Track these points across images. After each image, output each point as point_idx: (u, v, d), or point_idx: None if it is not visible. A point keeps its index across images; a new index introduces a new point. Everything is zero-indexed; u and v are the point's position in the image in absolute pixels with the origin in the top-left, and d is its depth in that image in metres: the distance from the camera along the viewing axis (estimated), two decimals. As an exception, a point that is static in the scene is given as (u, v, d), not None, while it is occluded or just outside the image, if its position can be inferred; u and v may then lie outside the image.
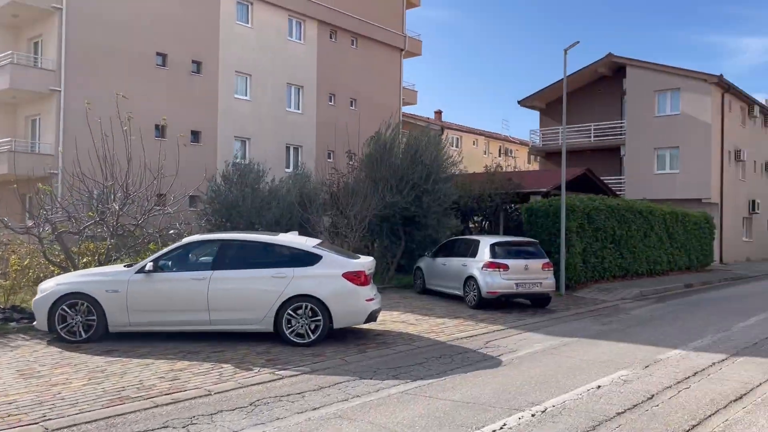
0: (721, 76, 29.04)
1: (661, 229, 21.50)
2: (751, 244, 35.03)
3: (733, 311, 13.93)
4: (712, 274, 23.52)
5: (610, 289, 17.09)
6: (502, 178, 20.12)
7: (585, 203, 17.36)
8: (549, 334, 10.86)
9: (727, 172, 31.32)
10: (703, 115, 29.58)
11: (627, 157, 31.87)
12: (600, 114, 33.92)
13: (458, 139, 40.91)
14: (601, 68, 33.06)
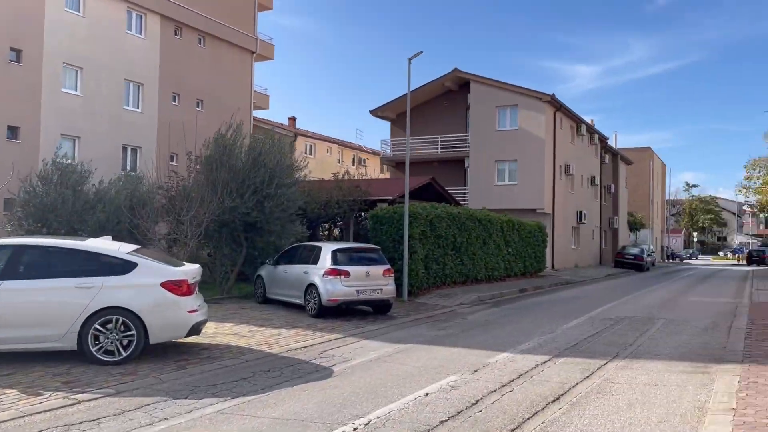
0: (553, 95, 31.38)
1: (499, 236, 22.57)
2: (579, 251, 38.16)
3: (560, 314, 14.78)
4: (545, 279, 25.14)
5: (450, 295, 17.52)
6: (350, 185, 20.03)
7: (428, 211, 17.68)
8: (387, 341, 10.71)
9: (559, 184, 33.85)
10: (538, 131, 31.75)
11: (471, 168, 33.36)
12: (447, 126, 35.25)
13: (312, 146, 40.59)
14: (447, 82, 34.40)
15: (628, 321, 13.57)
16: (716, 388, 7.24)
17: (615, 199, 48.13)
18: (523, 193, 31.89)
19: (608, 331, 12.12)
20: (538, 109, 31.80)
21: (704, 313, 15.08)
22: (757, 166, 33.90)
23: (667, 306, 16.90)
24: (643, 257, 39.46)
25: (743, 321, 13.00)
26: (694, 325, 13.05)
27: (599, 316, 14.48)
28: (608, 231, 46.83)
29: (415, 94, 35.10)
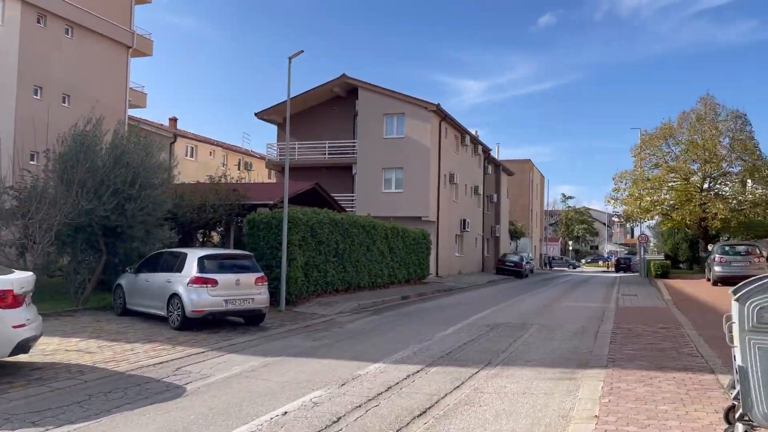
0: (439, 105, 31.86)
1: (383, 244, 22.37)
2: (462, 258, 39.00)
3: (439, 321, 14.66)
4: (428, 286, 25.25)
5: (330, 303, 16.98)
6: (226, 188, 19.00)
7: (309, 216, 17.08)
8: (255, 354, 9.98)
9: (443, 193, 34.39)
10: (424, 140, 32.09)
11: (358, 175, 33.12)
12: (335, 132, 34.85)
13: (194, 148, 38.76)
14: (336, 88, 34.03)
15: (504, 327, 13.66)
16: (581, 394, 7.18)
17: (497, 209, 49.85)
18: (409, 200, 32.07)
19: (484, 337, 12.08)
20: (424, 118, 32.15)
21: (575, 318, 15.54)
22: (623, 179, 36.23)
23: (542, 312, 17.33)
24: (523, 264, 40.99)
25: (609, 325, 13.44)
26: (565, 330, 13.33)
27: (477, 322, 14.50)
28: (490, 239, 48.37)
29: (303, 99, 34.51)
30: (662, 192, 35.22)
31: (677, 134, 34.87)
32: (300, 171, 34.24)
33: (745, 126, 33.40)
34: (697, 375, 8.08)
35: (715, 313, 15.63)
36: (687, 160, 34.42)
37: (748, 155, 32.86)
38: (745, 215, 33.03)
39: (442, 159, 33.74)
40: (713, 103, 34.17)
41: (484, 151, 44.39)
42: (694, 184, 34.89)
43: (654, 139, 35.30)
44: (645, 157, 35.78)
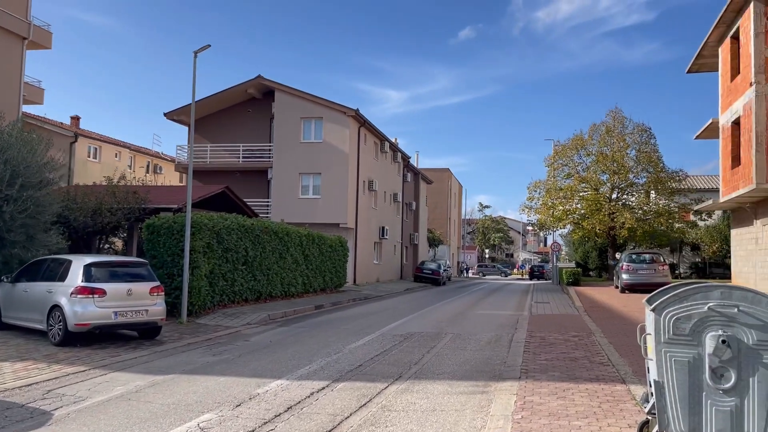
0: (358, 110, 31.40)
1: (298, 251, 21.57)
2: (381, 266, 38.65)
3: (351, 331, 14.05)
4: (344, 295, 24.62)
5: (237, 314, 16.02)
6: (125, 191, 17.66)
7: (215, 221, 16.07)
8: (144, 371, 9.02)
9: (362, 199, 33.92)
10: (342, 145, 31.51)
11: (274, 180, 32.12)
12: (251, 135, 33.71)
13: (97, 149, 36.40)
14: (251, 89, 32.92)
15: (418, 337, 13.22)
16: (493, 410, 6.75)
17: (416, 216, 49.95)
18: (327, 207, 31.38)
19: (396, 348, 11.58)
20: (343, 123, 31.60)
21: (489, 327, 15.35)
22: (537, 188, 37.06)
23: (456, 320, 17.08)
24: (440, 272, 41.12)
25: (523, 334, 13.28)
26: (478, 338, 13.05)
27: (391, 332, 14.00)
28: (409, 246, 48.37)
29: (217, 100, 33.17)
30: (574, 201, 36.27)
31: (588, 145, 36.08)
32: (212, 175, 32.87)
33: (650, 139, 35.00)
34: (609, 386, 7.87)
35: (623, 320, 15.89)
36: (597, 171, 35.65)
37: (653, 167, 34.38)
38: (649, 225, 34.48)
39: (360, 165, 33.28)
40: (621, 116, 35.63)
41: (403, 159, 44.34)
42: (604, 194, 36.14)
43: (566, 150, 36.37)
44: (558, 167, 36.78)
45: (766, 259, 22.08)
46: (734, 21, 21.87)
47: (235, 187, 32.13)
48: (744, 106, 20.90)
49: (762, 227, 22.58)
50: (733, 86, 22.40)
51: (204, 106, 33.31)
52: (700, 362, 4.78)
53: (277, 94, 32.24)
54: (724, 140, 23.81)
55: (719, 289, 4.87)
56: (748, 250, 24.21)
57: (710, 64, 26.38)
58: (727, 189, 23.34)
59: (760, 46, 19.65)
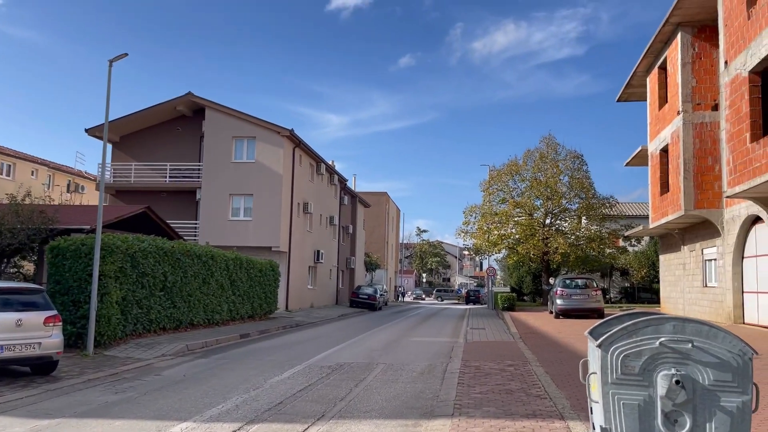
0: (292, 130, 30.57)
1: (223, 275, 20.39)
2: (316, 291, 37.57)
3: (276, 363, 13.07)
4: (274, 322, 23.48)
5: (153, 345, 14.74)
6: (30, 210, 16.16)
7: (129, 243, 14.81)
8: (26, 415, 7.83)
9: (296, 222, 32.92)
10: (276, 166, 30.54)
11: (203, 201, 30.75)
12: (180, 154, 32.30)
13: (11, 166, 34.04)
14: (180, 106, 31.59)
15: (347, 368, 12.39)
16: (422, 457, 6.01)
17: (353, 240, 49.20)
18: (259, 229, 30.23)
19: (322, 382, 10.70)
20: (277, 143, 30.68)
21: (423, 355, 14.69)
22: (473, 213, 37.05)
23: (390, 348, 16.33)
24: (377, 297, 40.40)
25: (457, 363, 12.66)
26: (411, 369, 12.34)
27: (319, 363, 13.11)
28: (346, 271, 47.48)
29: (144, 116, 31.69)
30: (509, 226, 36.44)
31: (522, 171, 36.43)
32: (137, 195, 31.21)
33: (582, 166, 35.68)
34: (547, 422, 7.28)
35: (559, 347, 15.54)
36: (531, 196, 35.99)
37: (585, 193, 34.99)
38: (582, 250, 34.94)
39: (295, 187, 32.35)
40: (554, 143, 36.23)
41: (340, 181, 43.66)
42: (538, 219, 36.48)
43: (501, 175, 36.60)
44: (493, 192, 36.94)
45: (693, 285, 22.45)
46: (662, 51, 22.46)
47: (161, 208, 30.64)
48: (672, 134, 21.35)
49: (689, 253, 23.01)
50: (661, 115, 22.93)
51: (130, 122, 31.76)
52: (652, 406, 4.21)
53: (208, 112, 31.05)
54: (652, 167, 24.30)
55: (671, 322, 4.33)
56: (676, 276, 24.63)
57: (639, 94, 27.08)
58: (656, 215, 23.76)
59: (687, 75, 20.15)
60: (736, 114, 15.04)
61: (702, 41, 19.93)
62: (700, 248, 21.74)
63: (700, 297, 21.67)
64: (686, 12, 19.38)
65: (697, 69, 19.97)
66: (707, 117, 19.95)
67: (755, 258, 17.59)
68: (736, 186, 15.02)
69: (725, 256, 19.11)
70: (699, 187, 19.76)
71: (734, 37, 15.40)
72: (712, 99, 19.84)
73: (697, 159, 19.82)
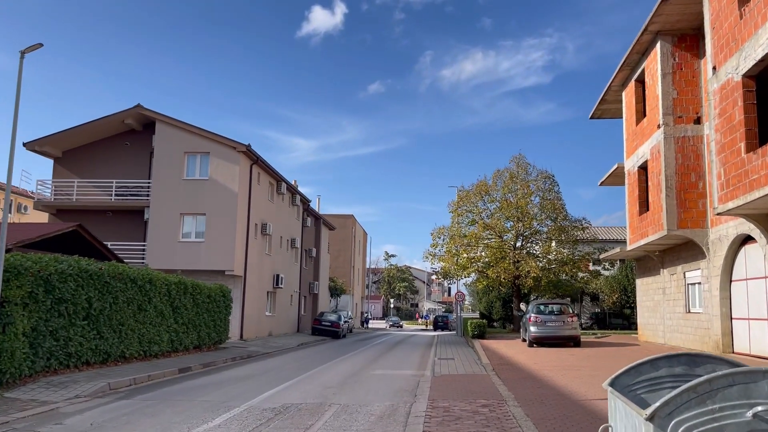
0: (249, 146, 28.70)
1: (164, 302, 18.25)
2: (275, 318, 35.34)
3: (211, 405, 11.06)
4: (223, 353, 21.32)
5: (68, 383, 12.56)
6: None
7: (43, 264, 12.70)
8: None
9: (253, 244, 30.87)
10: (231, 184, 28.56)
11: (151, 221, 28.52)
12: (129, 171, 30.11)
13: (-58, 183, 31.35)
14: (129, 119, 29.49)
15: (294, 411, 10.46)
16: None
17: (316, 264, 47.16)
18: (211, 251, 28.09)
19: (260, 431, 8.78)
20: (233, 159, 28.74)
21: (384, 392, 12.83)
22: (441, 235, 35.40)
23: (348, 384, 14.42)
24: (340, 324, 38.34)
25: (423, 404, 10.85)
26: (369, 411, 10.48)
27: (262, 404, 11.15)
28: (308, 296, 45.32)
29: (89, 130, 29.50)
30: (478, 249, 34.90)
31: (492, 191, 35.06)
32: (80, 214, 28.85)
33: (554, 187, 34.46)
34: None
35: (537, 381, 13.84)
36: (501, 218, 34.57)
37: (557, 214, 33.71)
38: (554, 274, 33.56)
39: (252, 206, 30.35)
40: (525, 162, 35.01)
41: (303, 202, 41.75)
42: (508, 241, 35.07)
43: (470, 196, 35.15)
44: (462, 213, 35.44)
45: (675, 310, 21.10)
46: (639, 63, 21.37)
47: (107, 228, 28.33)
48: (651, 150, 20.14)
49: (670, 276, 21.70)
50: (639, 130, 21.77)
51: (74, 136, 29.51)
52: None
53: (159, 126, 29.01)
54: (630, 185, 23.07)
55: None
56: (655, 301, 23.30)
57: (613, 110, 26.01)
58: (634, 236, 22.45)
59: (667, 86, 19.00)
60: (727, 123, 13.80)
61: (683, 51, 18.86)
62: (681, 271, 20.45)
63: (683, 324, 20.31)
64: (666, 19, 18.30)
65: (678, 80, 18.87)
66: (689, 131, 18.80)
67: (745, 281, 16.27)
68: (729, 201, 13.70)
69: (711, 280, 17.79)
70: (682, 206, 18.49)
71: (724, 40, 14.24)
72: (695, 111, 18.72)
73: (679, 175, 18.60)
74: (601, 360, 18.20)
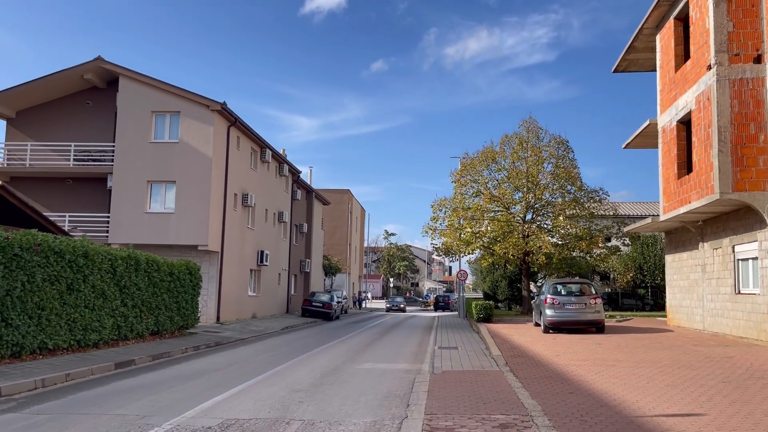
0: (224, 103, 25.30)
1: (106, 280, 15.05)
2: (259, 298, 32.22)
3: (122, 423, 7.89)
4: (186, 341, 18.18)
5: (-60, 389, 9.38)
6: None
7: None
8: None
9: (233, 217, 27.63)
10: (204, 147, 25.22)
11: (115, 189, 25.23)
12: (90, 133, 26.75)
13: None
14: (89, 74, 26.04)
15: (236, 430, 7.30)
16: None
17: (308, 240, 43.98)
18: (183, 224, 24.87)
19: (160, 482, 5.61)
20: (206, 119, 25.36)
21: (368, 400, 9.65)
22: (442, 207, 32.06)
23: (323, 385, 11.25)
24: (332, 305, 35.26)
25: (418, 422, 7.69)
26: (341, 437, 7.31)
27: (194, 422, 7.97)
28: (299, 275, 42.19)
29: (44, 87, 26.11)
30: (484, 223, 31.57)
31: (499, 159, 31.63)
32: (35, 182, 25.63)
33: (568, 153, 31.01)
34: None
35: (567, 383, 10.66)
36: (509, 188, 31.17)
37: (572, 184, 30.30)
38: (569, 250, 30.32)
39: (231, 173, 27.05)
40: (536, 126, 31.53)
41: (292, 173, 38.42)
42: (517, 214, 31.78)
43: (475, 164, 31.69)
44: (465, 183, 32.02)
45: (719, 291, 17.84)
46: (680, -4, 17.87)
47: (66, 198, 25.10)
48: (698, 98, 16.74)
49: (712, 251, 18.43)
50: (680, 77, 18.36)
51: (29, 93, 26.15)
52: None
53: (122, 81, 25.59)
54: (665, 145, 19.70)
55: None
56: (691, 280, 20.06)
57: (642, 60, 22.53)
58: (671, 204, 19.13)
59: (721, 17, 15.55)
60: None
61: (740, -27, 15.43)
62: (729, 245, 17.24)
63: (731, 307, 17.15)
64: (721, -67, 14.85)
65: (734, 9, 15.49)
66: (748, 71, 15.45)
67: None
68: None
69: (772, 254, 14.55)
70: (738, 163, 15.23)
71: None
72: (754, 48, 15.37)
73: (735, 126, 15.30)
74: (638, 351, 15.01)
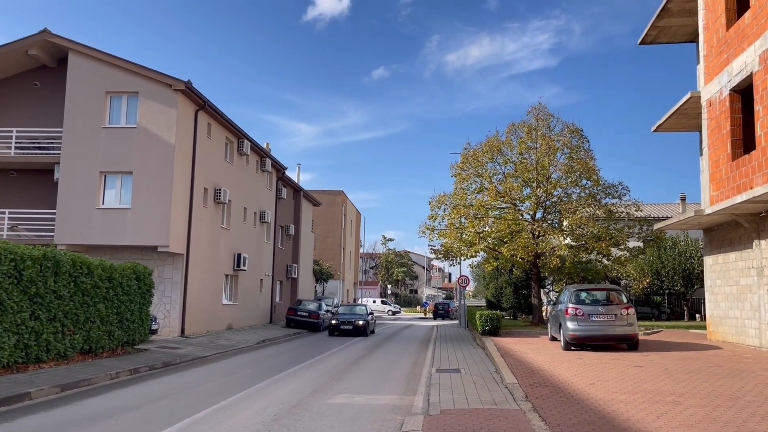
0: (189, 82, 21.88)
1: (13, 288, 11.63)
2: (237, 307, 28.75)
3: None
4: (125, 361, 14.74)
5: None
6: None
7: None
8: None
9: (201, 214, 24.21)
10: (166, 134, 21.83)
11: (62, 181, 21.82)
12: (38, 118, 23.40)
13: None
14: (35, 50, 22.70)
15: None
16: None
17: (296, 243, 40.54)
18: (140, 222, 21.47)
19: None
20: (168, 101, 21.98)
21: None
22: (441, 204, 28.62)
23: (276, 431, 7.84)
24: (320, 314, 31.79)
25: None
26: None
27: None
28: (285, 281, 38.71)
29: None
30: (488, 221, 28.11)
31: (505, 150, 28.19)
32: (-29, 173, 22.20)
33: (583, 143, 27.57)
34: None
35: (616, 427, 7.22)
36: (517, 183, 27.72)
37: (588, 177, 26.84)
38: (586, 251, 26.87)
39: (199, 165, 23.67)
40: (546, 114, 28.09)
41: (276, 169, 35.03)
42: (526, 211, 28.37)
43: (478, 155, 28.22)
44: (467, 177, 28.56)
45: (784, 299, 14.42)
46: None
47: (10, 192, 21.79)
48: (762, 56, 13.40)
49: (772, 250, 15.03)
50: (734, 34, 15.03)
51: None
52: None
53: (72, 58, 22.22)
54: (713, 120, 16.33)
55: None
56: (743, 286, 16.65)
57: (675, 29, 19.21)
58: (722, 191, 15.75)
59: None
60: None
61: None
62: (799, 242, 13.90)
63: (801, 319, 13.79)
64: None
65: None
66: (834, 17, 12.18)
67: None
68: None
69: None
70: (823, 136, 11.93)
71: None
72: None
73: (817, 88, 12.02)
74: (696, 379, 11.58)
